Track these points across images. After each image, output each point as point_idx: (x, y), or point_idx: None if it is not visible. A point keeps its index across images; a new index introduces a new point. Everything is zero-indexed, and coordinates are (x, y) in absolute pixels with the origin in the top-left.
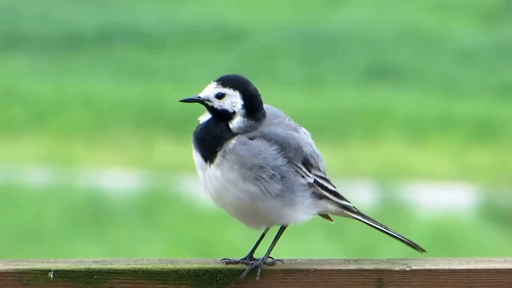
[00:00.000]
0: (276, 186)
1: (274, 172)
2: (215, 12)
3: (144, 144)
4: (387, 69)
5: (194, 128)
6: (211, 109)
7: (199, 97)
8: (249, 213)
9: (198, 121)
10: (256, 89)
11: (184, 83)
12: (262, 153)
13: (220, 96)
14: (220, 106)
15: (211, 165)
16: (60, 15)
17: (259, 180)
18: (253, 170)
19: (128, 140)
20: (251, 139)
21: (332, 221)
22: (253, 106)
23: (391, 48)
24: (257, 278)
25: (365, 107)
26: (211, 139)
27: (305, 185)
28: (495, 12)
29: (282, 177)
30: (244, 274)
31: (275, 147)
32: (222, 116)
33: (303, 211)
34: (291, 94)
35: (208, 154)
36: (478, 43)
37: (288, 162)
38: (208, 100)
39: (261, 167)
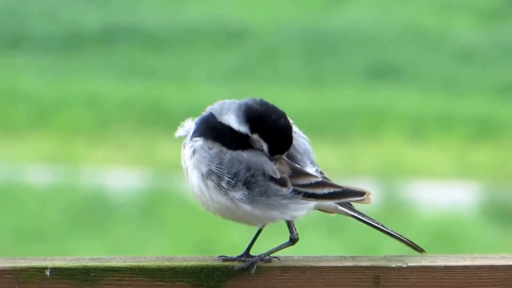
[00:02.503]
0: (242, 193)
1: (232, 180)
2: (218, 12)
3: (146, 143)
4: (388, 68)
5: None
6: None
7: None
8: (237, 218)
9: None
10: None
11: (187, 82)
12: (215, 161)
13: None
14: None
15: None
16: (63, 15)
17: (222, 189)
18: (210, 178)
19: (131, 139)
20: (209, 147)
21: (333, 213)
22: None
23: (393, 47)
24: (252, 272)
25: (367, 106)
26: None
27: (277, 189)
28: (497, 11)
29: (245, 184)
30: (238, 267)
31: (228, 156)
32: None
33: (295, 209)
34: (293, 93)
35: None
36: (479, 42)
37: (247, 172)
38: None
39: (219, 177)
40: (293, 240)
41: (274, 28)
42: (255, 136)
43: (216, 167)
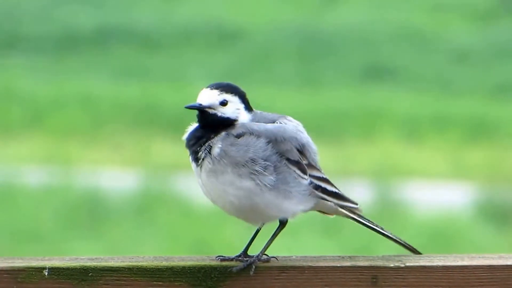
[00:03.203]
0: (270, 178)
1: (266, 163)
2: (212, 13)
3: (141, 143)
4: (383, 69)
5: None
6: (210, 117)
7: (200, 104)
8: (249, 210)
9: (186, 132)
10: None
11: (181, 83)
12: (251, 147)
13: (224, 103)
14: (223, 113)
15: (203, 171)
16: (58, 15)
17: (254, 174)
18: (246, 166)
19: (125, 139)
20: (237, 137)
21: (332, 215)
22: (250, 107)
23: (387, 48)
24: (251, 273)
25: (361, 107)
26: (197, 145)
27: (297, 177)
28: (491, 12)
29: (275, 167)
30: (237, 268)
31: (263, 140)
32: (219, 124)
33: (300, 202)
34: (287, 94)
35: (198, 161)
36: (474, 43)
37: (278, 154)
38: (210, 108)
39: (253, 160)
40: (283, 223)
41: (269, 28)
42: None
43: (253, 152)
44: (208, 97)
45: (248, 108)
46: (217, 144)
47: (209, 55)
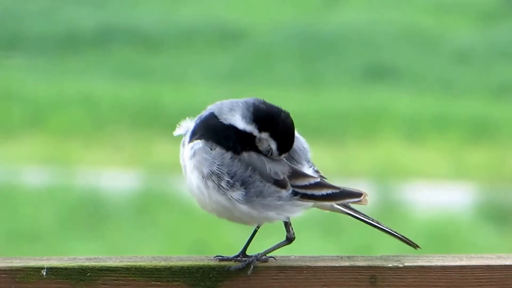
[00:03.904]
0: (239, 193)
1: (231, 180)
2: (214, 13)
3: (141, 144)
4: (384, 69)
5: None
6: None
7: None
8: (233, 218)
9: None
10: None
11: (182, 83)
12: (216, 161)
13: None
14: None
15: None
16: (59, 16)
17: (222, 188)
18: (211, 179)
19: (126, 140)
20: (211, 149)
21: (327, 210)
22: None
23: (389, 48)
24: (249, 272)
25: (362, 108)
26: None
27: (274, 193)
28: (492, 12)
29: (242, 184)
30: (235, 267)
31: (229, 155)
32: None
33: (285, 211)
34: (289, 95)
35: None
36: (475, 43)
37: (249, 169)
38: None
39: (219, 176)
40: (289, 239)
41: (270, 29)
42: (264, 135)
43: (217, 167)
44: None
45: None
46: (195, 146)
47: (210, 56)
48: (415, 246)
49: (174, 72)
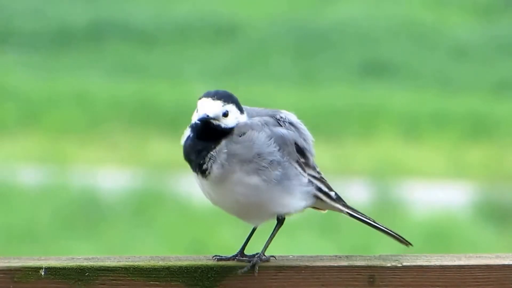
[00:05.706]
0: (275, 173)
1: (271, 157)
2: (209, 8)
3: (137, 142)
4: (382, 65)
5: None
6: (214, 129)
7: (208, 116)
8: (253, 206)
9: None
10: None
11: (177, 79)
12: (255, 142)
13: (226, 115)
14: (226, 125)
15: (211, 180)
16: (51, 11)
17: (260, 169)
18: (253, 161)
19: (122, 138)
20: (240, 135)
21: (324, 210)
22: (241, 108)
23: (386, 44)
24: (255, 274)
25: (359, 104)
26: (200, 158)
27: (298, 174)
28: (491, 7)
29: (279, 163)
30: (243, 270)
31: (265, 135)
32: (220, 135)
33: (301, 199)
34: (285, 91)
35: (205, 172)
36: (474, 38)
37: (280, 149)
38: (215, 119)
39: (259, 155)
40: (280, 221)
41: (265, 24)
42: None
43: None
44: (212, 108)
45: (241, 110)
46: (222, 150)
47: (206, 51)
48: (406, 243)
49: (170, 68)
